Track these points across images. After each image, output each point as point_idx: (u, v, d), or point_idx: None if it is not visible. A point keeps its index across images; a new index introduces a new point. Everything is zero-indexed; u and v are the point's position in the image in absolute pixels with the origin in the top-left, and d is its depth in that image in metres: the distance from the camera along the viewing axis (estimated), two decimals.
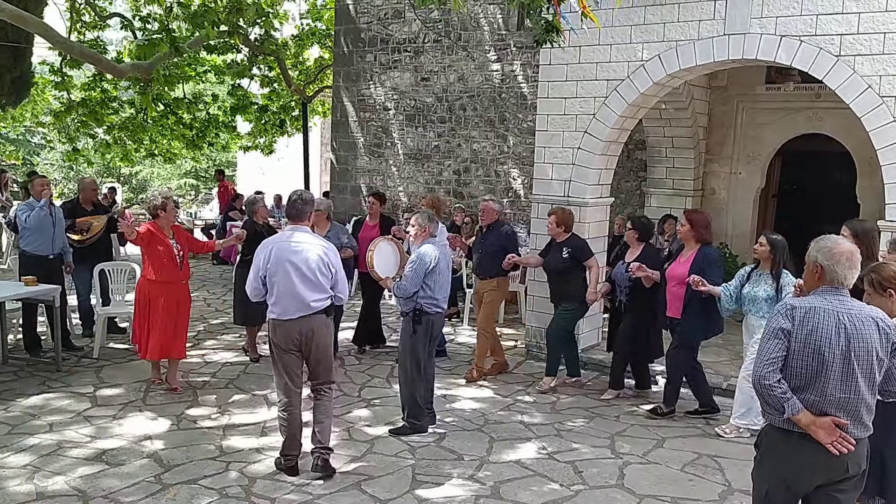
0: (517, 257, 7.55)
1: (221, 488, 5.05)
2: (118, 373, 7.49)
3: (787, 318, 3.30)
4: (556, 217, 7.31)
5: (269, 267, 5.11)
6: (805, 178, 10.87)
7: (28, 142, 31.34)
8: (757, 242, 6.16)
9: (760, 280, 6.05)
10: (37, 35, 10.33)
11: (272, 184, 19.71)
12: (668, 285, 6.58)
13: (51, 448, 5.62)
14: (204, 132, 17.04)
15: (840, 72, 6.66)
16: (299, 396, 5.30)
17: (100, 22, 14.21)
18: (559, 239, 7.33)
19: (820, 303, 3.31)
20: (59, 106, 15.45)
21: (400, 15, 12.55)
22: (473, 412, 6.69)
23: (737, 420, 6.28)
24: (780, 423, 3.33)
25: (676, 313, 6.51)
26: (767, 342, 3.33)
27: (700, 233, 6.52)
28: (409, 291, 5.90)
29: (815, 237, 3.52)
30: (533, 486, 5.22)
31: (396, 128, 12.83)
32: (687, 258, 6.52)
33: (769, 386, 3.27)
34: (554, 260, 7.34)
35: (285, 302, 5.11)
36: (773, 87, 10.18)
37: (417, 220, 6.11)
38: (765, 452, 3.49)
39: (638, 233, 7.05)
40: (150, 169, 34.41)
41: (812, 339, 3.25)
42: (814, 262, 3.39)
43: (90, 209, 8.73)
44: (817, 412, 3.26)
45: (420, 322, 5.98)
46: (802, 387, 3.29)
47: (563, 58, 8.07)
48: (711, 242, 6.73)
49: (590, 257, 7.26)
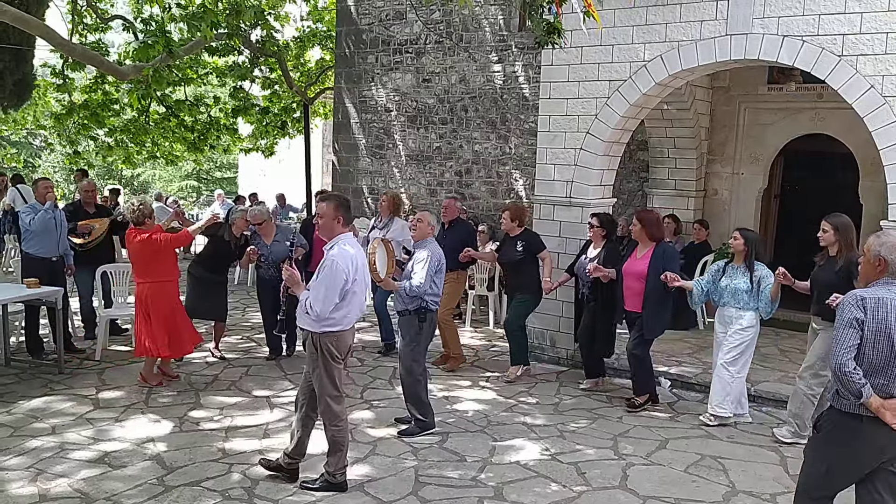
0: (473, 251, 7.84)
1: (224, 490, 5.04)
2: (120, 375, 7.48)
3: (859, 309, 3.59)
4: (511, 212, 7.61)
5: (356, 277, 4.86)
6: (807, 178, 10.86)
7: (30, 144, 31.38)
8: (731, 237, 6.48)
9: (737, 273, 6.36)
10: (38, 37, 10.33)
11: (274, 186, 19.71)
12: (626, 281, 6.85)
13: (53, 450, 5.61)
14: (205, 134, 17.02)
15: (842, 72, 6.64)
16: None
17: (101, 24, 14.21)
18: (513, 233, 7.61)
19: (885, 293, 3.60)
20: (61, 108, 15.45)
21: (401, 16, 12.55)
22: (476, 413, 6.68)
23: (716, 408, 6.44)
24: (849, 408, 3.63)
25: (634, 307, 6.79)
26: (843, 331, 3.60)
27: (652, 231, 6.83)
28: (423, 290, 5.92)
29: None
30: (536, 488, 5.20)
31: (398, 129, 12.83)
32: (643, 255, 6.79)
33: (849, 373, 3.55)
34: (509, 253, 7.63)
35: (353, 311, 4.98)
36: (776, 87, 10.17)
37: (426, 218, 6.12)
38: (831, 433, 3.76)
39: (605, 230, 7.27)
40: (152, 171, 34.46)
41: (883, 328, 3.54)
42: (876, 256, 3.67)
43: (92, 211, 8.73)
44: (884, 395, 3.56)
45: (425, 319, 6.02)
46: (873, 372, 3.58)
47: (565, 58, 8.07)
48: (664, 238, 7.03)
49: (543, 249, 7.58)
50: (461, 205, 8.36)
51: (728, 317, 6.40)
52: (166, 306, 7.07)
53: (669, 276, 6.42)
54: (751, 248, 6.32)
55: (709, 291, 6.50)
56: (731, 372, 6.37)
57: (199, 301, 8.01)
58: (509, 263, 7.73)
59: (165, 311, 7.04)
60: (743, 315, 6.30)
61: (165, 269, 7.09)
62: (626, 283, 6.85)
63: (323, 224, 4.94)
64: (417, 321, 6.01)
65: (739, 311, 6.31)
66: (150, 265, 7.01)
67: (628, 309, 6.88)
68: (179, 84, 15.65)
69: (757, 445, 6.07)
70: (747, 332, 6.32)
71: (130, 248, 7.09)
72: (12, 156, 21.86)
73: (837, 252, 5.81)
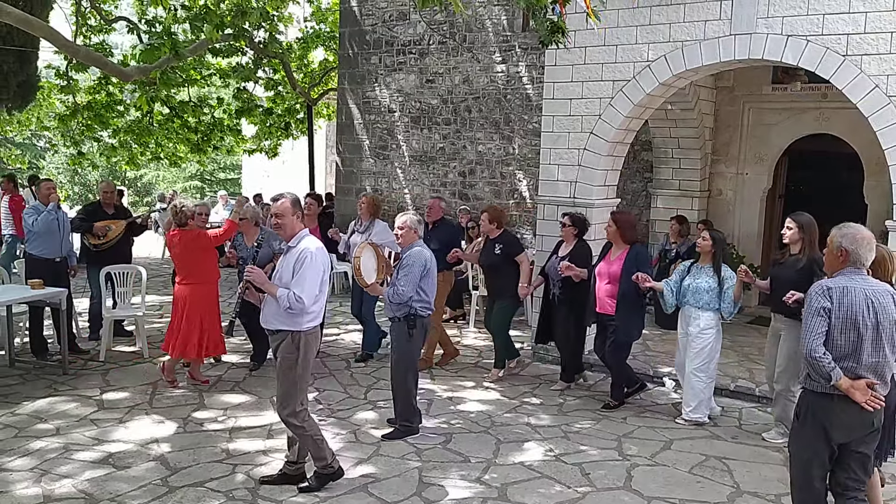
0: (460, 252, 7.83)
1: (228, 491, 5.04)
2: (124, 376, 7.49)
3: (825, 298, 3.79)
4: (489, 214, 7.60)
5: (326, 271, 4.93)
6: (812, 178, 10.83)
7: (34, 146, 31.44)
8: (700, 237, 6.49)
9: (701, 273, 6.36)
10: (42, 39, 10.36)
11: (277, 187, 19.68)
12: (599, 283, 6.83)
13: (57, 451, 5.62)
14: (209, 135, 17.05)
15: (847, 71, 6.63)
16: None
17: (105, 26, 14.26)
18: (492, 235, 7.62)
19: (849, 282, 3.81)
20: (65, 109, 15.48)
21: (405, 17, 12.55)
22: (480, 414, 6.67)
23: (690, 415, 6.48)
24: (821, 389, 3.84)
25: (607, 309, 6.75)
26: (812, 319, 3.80)
27: (626, 233, 6.78)
28: (406, 296, 5.81)
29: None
30: (540, 489, 5.20)
31: (401, 130, 12.83)
32: (617, 257, 6.76)
33: (818, 358, 3.76)
34: (487, 256, 7.65)
35: (320, 308, 4.98)
36: (780, 87, 10.15)
37: (407, 222, 5.96)
38: (806, 415, 3.96)
39: (577, 229, 7.26)
40: (155, 172, 34.50)
41: (850, 315, 3.76)
42: (838, 247, 3.87)
43: (111, 213, 8.73)
44: (852, 376, 3.78)
45: (415, 325, 5.94)
46: (842, 356, 3.79)
47: (569, 59, 8.06)
48: (638, 241, 6.99)
49: (520, 252, 7.53)
50: (444, 204, 8.41)
51: (688, 317, 6.42)
52: (203, 308, 7.14)
53: (641, 277, 6.39)
54: (718, 248, 6.33)
55: (677, 292, 6.50)
56: (701, 378, 6.39)
57: None
58: (489, 266, 7.75)
59: (201, 313, 7.11)
60: (701, 315, 6.31)
61: (207, 269, 7.22)
62: (598, 285, 6.83)
63: (285, 223, 4.88)
64: (407, 328, 5.93)
65: (699, 311, 6.32)
66: (195, 266, 7.12)
67: (600, 312, 6.83)
68: (183, 85, 15.67)
69: (762, 446, 6.05)
70: (707, 333, 6.32)
71: (173, 251, 7.22)
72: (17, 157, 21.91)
73: (800, 250, 5.88)
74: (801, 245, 5.86)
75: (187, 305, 7.08)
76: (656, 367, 7.81)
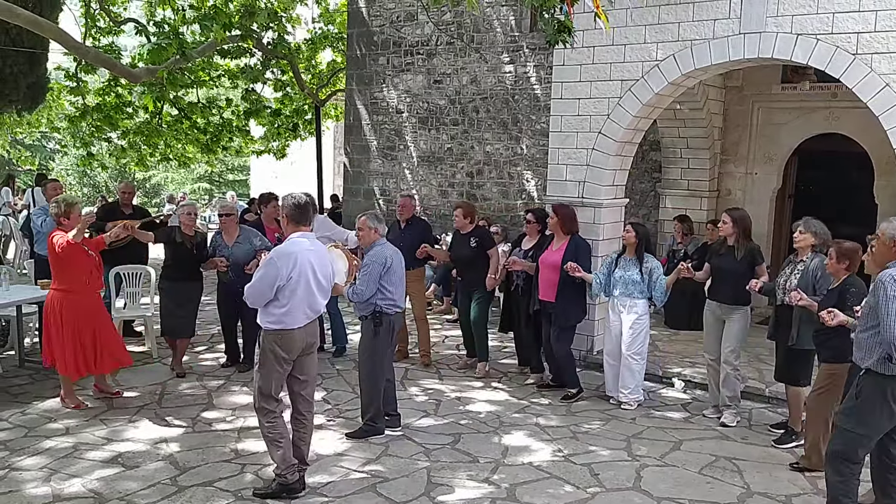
0: (429, 248, 8.02)
1: (236, 490, 5.04)
2: (133, 376, 7.50)
3: None
4: (463, 210, 7.85)
5: (293, 276, 4.79)
6: (822, 178, 10.78)
7: (43, 147, 31.60)
8: (624, 230, 7.00)
9: (629, 265, 6.84)
10: (52, 40, 10.38)
11: (285, 188, 19.70)
12: (542, 272, 7.17)
13: (67, 451, 5.64)
14: (218, 136, 17.09)
15: (857, 70, 6.59)
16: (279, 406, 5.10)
17: (114, 27, 14.30)
18: (465, 230, 7.86)
19: None
20: (75, 111, 15.55)
21: (412, 17, 12.55)
22: (488, 414, 6.67)
23: (630, 396, 6.92)
24: (892, 371, 4.18)
25: (549, 297, 7.09)
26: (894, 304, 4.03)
27: (567, 225, 7.14)
28: (365, 295, 5.84)
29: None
30: (549, 489, 5.18)
31: (409, 130, 12.83)
32: (559, 247, 7.11)
33: None
34: (462, 250, 7.88)
35: (298, 310, 4.86)
36: (789, 86, 10.11)
37: (364, 222, 6.03)
38: (874, 396, 4.27)
39: (540, 225, 7.53)
40: (164, 173, 34.63)
41: None
42: (891, 238, 4.29)
43: (129, 212, 8.74)
44: None
45: (381, 323, 5.94)
46: None
47: (577, 58, 8.04)
48: (578, 232, 7.25)
49: (493, 246, 7.89)
50: (416, 202, 8.76)
51: (622, 305, 6.85)
52: (78, 320, 6.38)
53: (570, 266, 6.78)
54: (641, 241, 6.81)
55: (607, 283, 6.92)
56: (638, 360, 6.89)
57: (170, 318, 7.54)
58: (463, 260, 7.92)
59: (77, 326, 6.37)
60: (637, 303, 6.80)
61: (74, 276, 6.38)
62: (541, 274, 7.16)
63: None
64: (373, 325, 5.94)
65: (633, 301, 6.80)
66: (63, 271, 6.37)
67: (543, 299, 7.15)
68: (192, 86, 15.71)
69: (772, 447, 6.02)
70: (642, 319, 6.85)
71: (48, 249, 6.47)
72: (27, 158, 22.02)
73: (736, 242, 6.44)
74: (736, 237, 6.43)
75: (60, 316, 6.35)
76: (666, 368, 7.79)
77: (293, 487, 4.95)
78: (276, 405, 4.96)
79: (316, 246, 5.04)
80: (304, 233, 5.00)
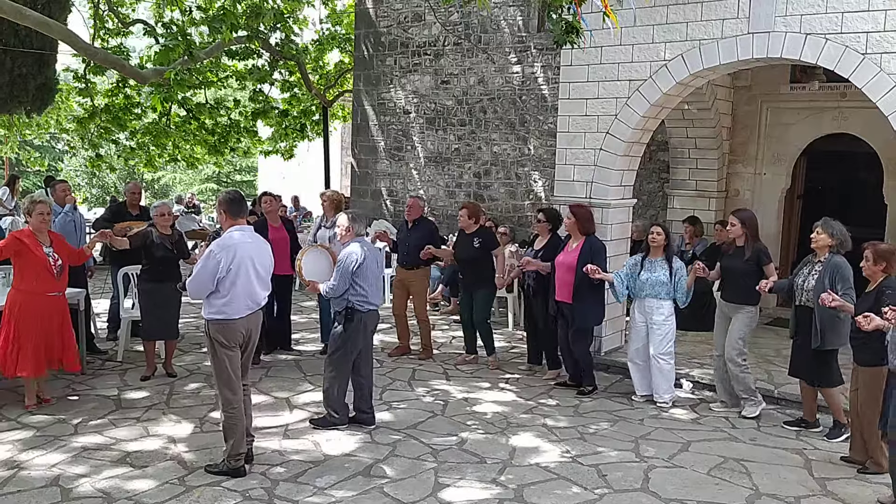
0: (434, 249, 8.11)
1: (244, 490, 5.05)
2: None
3: None
4: (468, 210, 7.97)
5: (232, 268, 5.07)
6: (831, 178, 10.73)
7: (52, 148, 31.73)
8: (653, 232, 6.97)
9: (656, 266, 6.85)
10: (61, 42, 10.42)
11: (293, 188, 19.79)
12: (557, 272, 7.20)
13: (75, 451, 5.65)
14: (226, 137, 17.14)
15: (866, 70, 6.56)
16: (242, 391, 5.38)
17: (123, 28, 14.36)
18: (469, 230, 7.97)
19: None
20: (83, 112, 15.61)
21: (420, 18, 12.56)
22: (496, 415, 6.65)
23: (664, 395, 6.94)
24: None
25: (565, 298, 7.13)
26: None
27: (584, 225, 7.17)
28: (338, 291, 5.99)
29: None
30: (557, 490, 5.17)
31: (417, 131, 12.84)
32: (575, 248, 7.15)
33: None
34: (465, 249, 7.96)
35: (239, 301, 5.16)
36: (798, 86, 10.06)
37: (342, 221, 6.18)
38: None
39: (550, 224, 7.61)
40: (173, 174, 34.73)
41: None
42: None
43: (136, 213, 8.76)
44: None
45: (351, 319, 6.03)
46: None
47: (585, 59, 8.03)
48: (594, 233, 7.28)
49: (497, 246, 8.05)
50: (425, 203, 8.90)
51: (649, 307, 6.87)
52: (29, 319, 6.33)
53: (590, 269, 6.78)
54: (670, 242, 6.96)
55: (628, 285, 6.93)
56: (668, 360, 6.92)
57: (152, 321, 7.40)
58: (467, 260, 8.01)
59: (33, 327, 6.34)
60: (663, 305, 6.84)
61: (24, 275, 6.35)
62: (557, 274, 7.19)
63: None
64: (344, 321, 6.05)
65: (660, 302, 6.82)
66: (17, 270, 6.37)
67: (559, 300, 7.18)
68: (200, 87, 15.77)
69: (781, 448, 6.00)
70: (669, 320, 6.88)
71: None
72: (36, 159, 22.10)
73: (745, 242, 6.54)
74: (745, 238, 6.53)
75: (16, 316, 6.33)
76: (676, 369, 7.75)
77: (237, 472, 5.22)
78: (239, 390, 5.25)
79: (254, 238, 5.34)
80: (241, 226, 5.29)
